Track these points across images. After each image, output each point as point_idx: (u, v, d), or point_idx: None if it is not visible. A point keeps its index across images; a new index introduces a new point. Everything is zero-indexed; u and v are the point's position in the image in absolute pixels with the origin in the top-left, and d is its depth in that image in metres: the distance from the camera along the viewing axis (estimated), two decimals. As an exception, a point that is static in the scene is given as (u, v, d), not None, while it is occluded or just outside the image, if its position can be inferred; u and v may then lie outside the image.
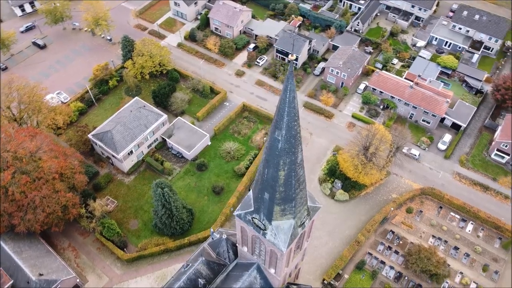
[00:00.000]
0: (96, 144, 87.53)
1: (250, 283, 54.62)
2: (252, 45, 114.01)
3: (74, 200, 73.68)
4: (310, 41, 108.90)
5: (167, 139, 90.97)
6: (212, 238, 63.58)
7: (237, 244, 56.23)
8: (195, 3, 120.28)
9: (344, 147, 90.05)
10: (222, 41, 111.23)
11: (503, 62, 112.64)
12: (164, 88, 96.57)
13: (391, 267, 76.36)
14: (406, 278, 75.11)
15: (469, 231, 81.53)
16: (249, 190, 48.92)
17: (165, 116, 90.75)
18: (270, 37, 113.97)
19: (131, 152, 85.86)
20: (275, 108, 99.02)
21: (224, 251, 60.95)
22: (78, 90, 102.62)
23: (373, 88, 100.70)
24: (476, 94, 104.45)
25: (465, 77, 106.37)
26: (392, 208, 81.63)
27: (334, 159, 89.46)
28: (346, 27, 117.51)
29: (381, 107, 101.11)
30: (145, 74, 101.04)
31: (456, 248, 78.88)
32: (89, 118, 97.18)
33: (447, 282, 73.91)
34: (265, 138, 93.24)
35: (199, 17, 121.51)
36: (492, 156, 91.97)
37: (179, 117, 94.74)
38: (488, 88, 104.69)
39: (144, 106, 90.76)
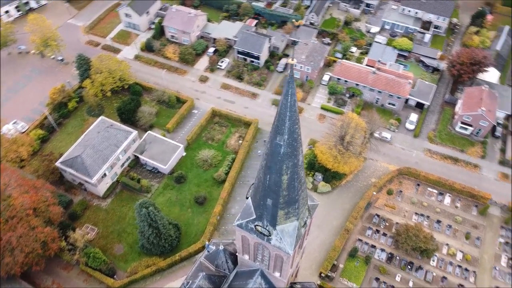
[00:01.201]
0: (65, 172, 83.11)
1: (256, 290, 53.86)
2: (211, 49, 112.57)
3: (52, 234, 69.57)
4: (270, 39, 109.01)
5: (140, 156, 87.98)
6: (208, 251, 62.16)
7: (237, 254, 55.25)
8: (147, 12, 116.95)
9: (319, 140, 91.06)
10: (181, 48, 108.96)
11: (452, 39, 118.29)
12: (129, 103, 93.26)
13: (382, 250, 78.26)
14: (397, 258, 77.23)
15: (448, 203, 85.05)
16: (247, 198, 48.12)
17: (135, 133, 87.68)
18: (229, 39, 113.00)
19: (105, 174, 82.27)
20: (242, 109, 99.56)
21: (223, 262, 59.78)
22: (36, 116, 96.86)
23: (337, 78, 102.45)
24: (433, 72, 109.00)
25: (420, 57, 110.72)
26: (374, 193, 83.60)
27: (311, 152, 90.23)
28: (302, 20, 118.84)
29: (347, 95, 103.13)
30: (106, 92, 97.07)
31: (438, 222, 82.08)
32: (53, 145, 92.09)
33: (435, 256, 76.79)
34: (240, 141, 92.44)
35: (153, 26, 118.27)
36: (457, 129, 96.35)
37: (149, 132, 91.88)
38: (443, 65, 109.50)
39: (112, 125, 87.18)
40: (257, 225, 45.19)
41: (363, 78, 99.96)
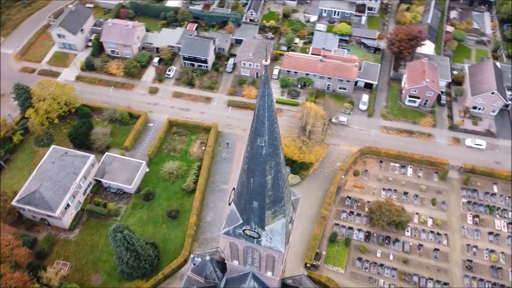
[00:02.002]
0: (24, 210, 77.71)
1: (252, 294, 53.51)
2: (156, 59, 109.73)
3: (23, 278, 64.73)
4: (214, 41, 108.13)
5: (101, 180, 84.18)
6: (194, 264, 60.83)
7: (225, 261, 54.51)
8: (81, 30, 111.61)
9: (280, 134, 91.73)
10: (125, 62, 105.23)
11: (387, 18, 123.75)
12: (80, 127, 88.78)
13: (359, 230, 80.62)
14: (374, 235, 79.93)
15: (410, 174, 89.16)
16: (229, 204, 47.47)
17: (92, 156, 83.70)
18: (172, 46, 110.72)
19: (68, 205, 77.88)
20: (199, 115, 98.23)
21: (211, 272, 58.79)
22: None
23: (287, 71, 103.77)
24: (375, 52, 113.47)
25: (361, 40, 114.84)
26: (342, 176, 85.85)
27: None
28: (242, 19, 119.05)
29: (299, 86, 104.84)
30: (53, 119, 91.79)
31: (405, 193, 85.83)
32: (4, 184, 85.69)
33: (409, 226, 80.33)
34: (203, 148, 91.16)
35: (90, 44, 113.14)
36: (406, 102, 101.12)
37: (107, 153, 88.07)
38: (383, 44, 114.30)
39: (66, 152, 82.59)
40: (245, 230, 44.79)
41: (311, 67, 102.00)
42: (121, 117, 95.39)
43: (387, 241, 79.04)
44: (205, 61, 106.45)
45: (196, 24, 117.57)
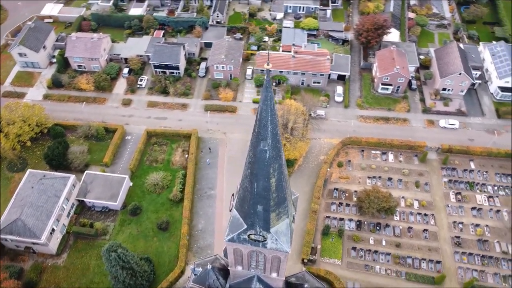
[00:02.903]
0: (6, 240, 74.09)
1: (259, 297, 53.29)
2: (126, 70, 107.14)
3: (15, 311, 61.99)
4: (184, 46, 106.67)
5: (84, 199, 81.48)
6: (195, 274, 59.99)
7: (229, 268, 54.02)
8: (44, 47, 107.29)
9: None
10: (94, 76, 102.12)
11: (351, 10, 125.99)
12: (56, 148, 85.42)
13: (350, 220, 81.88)
14: (365, 223, 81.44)
15: (392, 160, 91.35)
16: (230, 210, 47.04)
17: (72, 177, 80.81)
18: (141, 56, 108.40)
19: (53, 230, 74.91)
20: (177, 123, 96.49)
21: (214, 280, 58.12)
22: None
23: (261, 70, 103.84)
24: (343, 44, 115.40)
25: (328, 33, 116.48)
26: (328, 169, 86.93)
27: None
28: (209, 21, 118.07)
29: (274, 84, 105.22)
30: (25, 142, 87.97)
31: (390, 179, 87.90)
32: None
33: (397, 210, 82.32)
34: (186, 155, 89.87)
35: (54, 60, 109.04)
36: (379, 90, 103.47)
37: (86, 171, 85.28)
38: (350, 35, 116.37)
39: (44, 175, 79.36)
40: (250, 235, 44.49)
41: (285, 64, 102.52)
42: (96, 132, 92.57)
43: (378, 228, 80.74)
44: (177, 68, 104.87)
45: (163, 31, 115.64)
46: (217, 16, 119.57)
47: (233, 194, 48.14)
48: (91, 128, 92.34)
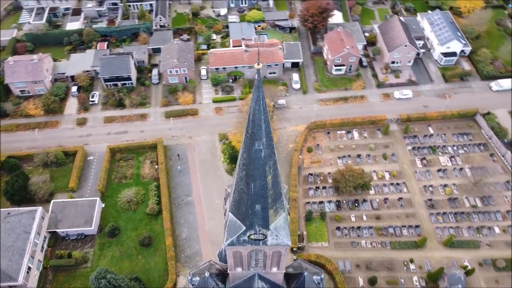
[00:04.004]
0: (-21, 289, 68.79)
1: (262, 294, 53.33)
2: (74, 88, 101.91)
3: None
4: (132, 55, 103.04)
5: (57, 230, 77.16)
6: (193, 285, 58.91)
7: (228, 271, 53.53)
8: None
9: (227, 132, 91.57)
10: (42, 99, 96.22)
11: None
12: (15, 182, 79.81)
13: (329, 201, 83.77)
14: (344, 202, 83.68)
15: (357, 137, 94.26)
16: (224, 214, 46.48)
17: (39, 209, 76.12)
18: (88, 71, 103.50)
19: (29, 268, 70.39)
20: (139, 135, 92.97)
21: (214, 286, 57.41)
22: None
23: (215, 68, 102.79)
24: (291, 31, 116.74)
25: (275, 22, 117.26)
26: (300, 156, 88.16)
27: (227, 146, 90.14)
28: (152, 26, 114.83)
29: (231, 81, 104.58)
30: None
31: (359, 156, 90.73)
32: None
33: (371, 185, 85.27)
34: (156, 166, 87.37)
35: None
36: (333, 72, 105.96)
37: (53, 201, 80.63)
38: (296, 22, 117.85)
39: (8, 212, 74.11)
40: (250, 235, 44.24)
41: (238, 59, 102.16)
42: (55, 158, 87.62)
43: (356, 204, 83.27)
44: (129, 78, 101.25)
45: (106, 42, 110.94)
46: (160, 20, 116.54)
47: (225, 199, 47.65)
48: (49, 155, 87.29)
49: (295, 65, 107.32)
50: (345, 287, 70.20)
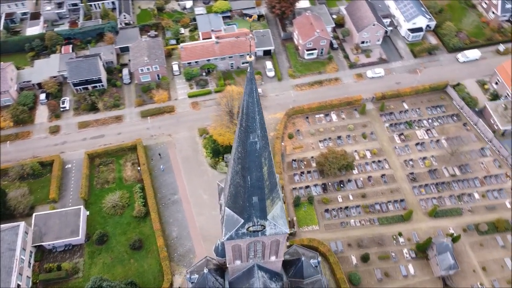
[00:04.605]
0: (-33, 313, 66.19)
1: (264, 284, 53.65)
2: (43, 96, 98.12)
3: None
4: (100, 56, 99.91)
5: (43, 244, 74.87)
6: (192, 282, 58.66)
7: (227, 265, 53.55)
8: None
9: (206, 126, 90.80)
10: (10, 110, 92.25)
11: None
12: (-8, 198, 76.88)
13: (315, 185, 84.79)
14: (329, 184, 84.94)
15: (336, 119, 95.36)
16: (220, 210, 46.25)
17: (22, 224, 73.52)
18: (55, 77, 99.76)
19: (18, 286, 68.15)
20: (117, 137, 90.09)
21: (214, 282, 57.37)
22: None
23: (188, 63, 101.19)
24: (259, 19, 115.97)
25: (242, 11, 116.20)
26: (282, 143, 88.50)
27: (208, 141, 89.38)
28: (117, 25, 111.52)
29: (204, 74, 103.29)
30: (-48, 202, 77.79)
31: (339, 137, 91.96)
32: None
33: (354, 164, 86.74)
34: (139, 168, 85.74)
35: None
36: (306, 57, 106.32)
37: (34, 214, 78.02)
38: (263, 10, 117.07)
39: (-11, 231, 71.33)
40: (249, 228, 44.31)
41: (210, 51, 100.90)
42: (32, 170, 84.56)
43: (342, 185, 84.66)
44: (99, 80, 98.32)
45: (71, 45, 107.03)
46: (125, 18, 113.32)
47: (219, 193, 47.41)
48: (25, 167, 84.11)
49: (267, 53, 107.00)
50: (340, 267, 71.70)
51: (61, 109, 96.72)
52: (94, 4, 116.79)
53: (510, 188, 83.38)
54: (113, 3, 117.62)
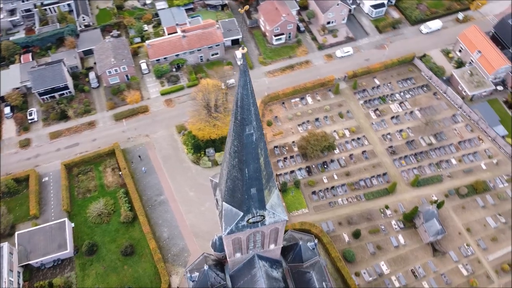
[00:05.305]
0: None
1: (266, 272, 54.06)
2: (7, 109, 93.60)
3: None
4: (63, 62, 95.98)
5: (30, 262, 72.25)
6: (193, 281, 58.35)
7: (228, 259, 53.57)
8: None
9: (187, 121, 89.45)
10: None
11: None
12: (-31, 222, 73.27)
13: (300, 169, 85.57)
14: (313, 166, 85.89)
15: (311, 102, 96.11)
16: (217, 205, 45.91)
17: (5, 245, 70.53)
18: (17, 88, 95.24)
19: (10, 308, 65.94)
20: (92, 144, 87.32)
21: (215, 277, 57.37)
22: None
23: (156, 60, 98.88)
24: (223, 9, 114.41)
25: (204, 2, 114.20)
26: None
27: (187, 137, 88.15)
28: (77, 28, 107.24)
29: (174, 70, 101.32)
30: None
31: (317, 119, 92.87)
32: None
33: (335, 144, 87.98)
34: (121, 173, 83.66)
35: None
36: (274, 42, 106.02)
37: (17, 233, 75.02)
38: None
39: (-29, 257, 68.08)
40: (249, 219, 44.33)
41: (177, 46, 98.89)
42: (7, 188, 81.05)
43: (325, 166, 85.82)
44: (66, 87, 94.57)
45: (30, 53, 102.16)
46: (84, 19, 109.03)
47: (213, 189, 47.03)
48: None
49: (235, 42, 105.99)
50: (334, 246, 73.09)
51: (29, 121, 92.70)
52: (49, 8, 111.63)
53: (483, 150, 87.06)
54: (69, 5, 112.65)
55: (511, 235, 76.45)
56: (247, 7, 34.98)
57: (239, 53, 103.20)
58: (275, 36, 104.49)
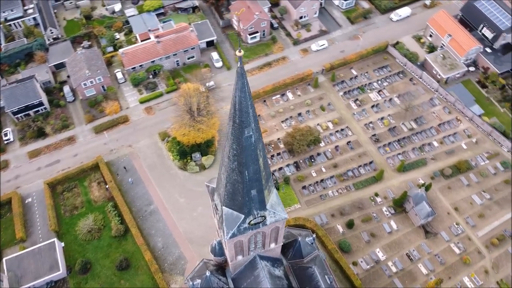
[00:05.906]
0: None
1: (268, 272, 54.02)
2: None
3: None
4: (35, 78, 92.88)
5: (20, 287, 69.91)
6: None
7: (230, 262, 53.24)
8: None
9: (170, 127, 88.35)
10: None
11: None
12: (-48, 253, 70.13)
13: (288, 165, 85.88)
14: (301, 161, 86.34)
15: (292, 97, 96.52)
16: (216, 210, 45.48)
17: (-7, 272, 68.25)
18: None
19: (7, 337, 63.62)
20: (74, 160, 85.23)
21: (218, 282, 56.90)
22: None
23: (132, 68, 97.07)
24: (194, 11, 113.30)
25: (175, 6, 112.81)
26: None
27: (172, 143, 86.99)
28: (46, 41, 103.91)
29: (151, 76, 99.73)
30: None
31: (299, 114, 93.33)
32: None
33: (320, 137, 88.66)
34: (107, 186, 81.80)
35: None
36: (249, 41, 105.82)
37: (4, 259, 72.32)
38: (196, 1, 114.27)
39: (-41, 289, 65.33)
40: (250, 221, 44.14)
41: (152, 52, 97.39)
42: (-12, 213, 78.20)
43: (312, 160, 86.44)
44: (40, 104, 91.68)
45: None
46: (52, 32, 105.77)
47: (210, 194, 46.57)
48: (-20, 212, 77.54)
49: (210, 44, 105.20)
50: (329, 238, 73.78)
51: (5, 142, 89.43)
52: (14, 24, 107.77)
53: (462, 130, 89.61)
54: (34, 19, 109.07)
55: (497, 211, 79.13)
56: (243, 9, 34.65)
57: (215, 54, 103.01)
58: (250, 34, 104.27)
